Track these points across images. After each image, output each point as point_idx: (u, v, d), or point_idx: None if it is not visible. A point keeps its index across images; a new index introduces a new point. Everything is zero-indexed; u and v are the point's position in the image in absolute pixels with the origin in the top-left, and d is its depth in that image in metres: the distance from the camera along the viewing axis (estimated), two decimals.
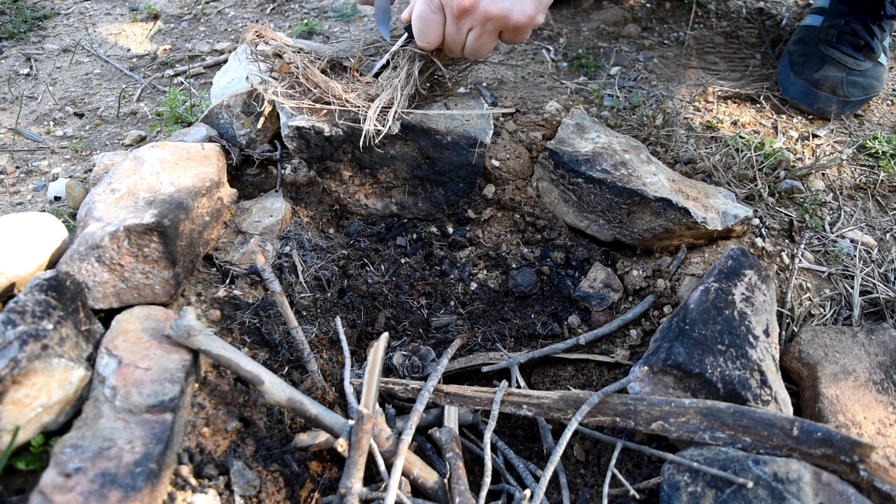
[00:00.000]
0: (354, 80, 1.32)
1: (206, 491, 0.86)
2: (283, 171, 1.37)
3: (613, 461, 0.96)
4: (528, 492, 0.91)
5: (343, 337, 1.13)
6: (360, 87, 1.30)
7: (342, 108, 1.25)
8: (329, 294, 1.25)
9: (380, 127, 1.22)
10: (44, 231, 1.02)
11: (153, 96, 1.80)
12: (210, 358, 0.93)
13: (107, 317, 1.00)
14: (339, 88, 1.25)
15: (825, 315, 1.19)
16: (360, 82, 1.31)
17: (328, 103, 1.27)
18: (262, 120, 1.33)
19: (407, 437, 0.92)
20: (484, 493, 0.90)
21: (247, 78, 1.33)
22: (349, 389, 1.03)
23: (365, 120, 1.22)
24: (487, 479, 0.91)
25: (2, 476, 0.81)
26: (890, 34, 1.71)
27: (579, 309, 1.29)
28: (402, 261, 1.35)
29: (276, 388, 0.92)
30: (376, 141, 1.24)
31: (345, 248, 1.34)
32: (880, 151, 1.53)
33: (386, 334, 1.00)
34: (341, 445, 0.87)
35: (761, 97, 1.70)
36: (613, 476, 0.95)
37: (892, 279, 1.25)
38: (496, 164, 1.42)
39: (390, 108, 1.25)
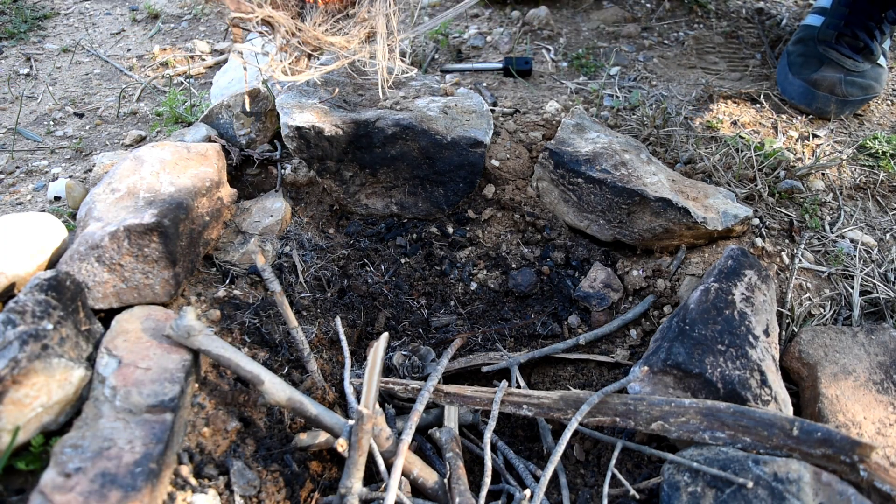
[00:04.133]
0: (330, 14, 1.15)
1: (206, 491, 0.86)
2: (283, 171, 1.37)
3: (613, 461, 0.96)
4: (528, 492, 0.91)
5: (343, 337, 1.13)
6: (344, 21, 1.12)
7: (345, 57, 1.07)
8: (329, 294, 1.25)
9: (396, 65, 1.04)
10: (44, 231, 1.02)
11: (153, 96, 1.80)
12: (210, 358, 0.93)
13: (107, 317, 0.99)
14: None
15: (825, 315, 1.19)
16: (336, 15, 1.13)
17: (314, 53, 1.08)
18: (247, 100, 1.23)
19: (407, 437, 0.92)
20: (484, 493, 0.90)
21: (239, 53, 1.18)
22: (349, 389, 1.03)
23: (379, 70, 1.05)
24: (487, 479, 0.91)
25: (2, 476, 0.81)
26: (890, 37, 1.71)
27: (579, 309, 1.29)
28: (402, 261, 1.35)
29: (276, 388, 0.92)
30: (401, 77, 1.06)
31: (345, 248, 1.34)
32: (880, 151, 1.53)
33: (386, 334, 1.00)
34: (341, 445, 0.87)
35: (761, 97, 1.70)
36: (613, 476, 0.95)
37: (892, 279, 1.25)
38: (496, 164, 1.42)
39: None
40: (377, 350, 0.94)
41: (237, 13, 1.07)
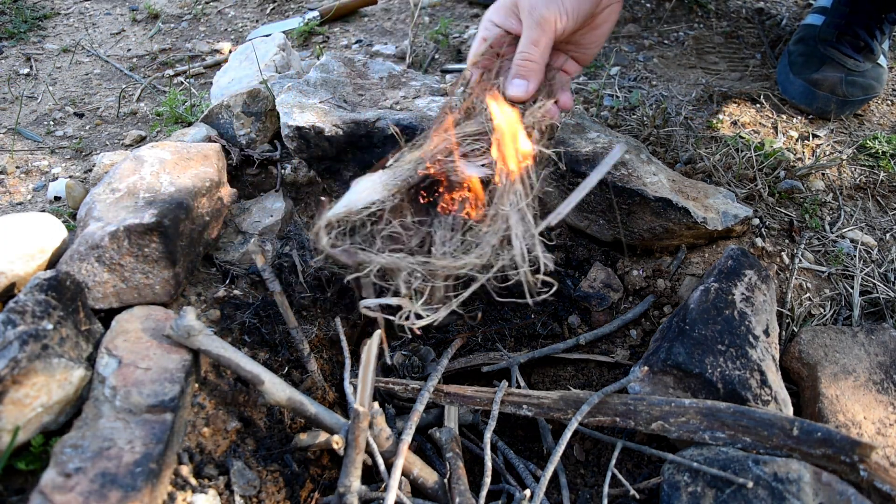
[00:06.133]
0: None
1: (206, 491, 0.86)
2: (283, 171, 1.37)
3: (613, 461, 0.96)
4: (528, 492, 0.91)
5: (343, 337, 1.13)
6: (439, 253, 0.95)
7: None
8: (329, 294, 1.25)
9: None
10: (44, 231, 1.02)
11: (153, 96, 1.80)
12: (210, 358, 0.93)
13: (107, 317, 0.99)
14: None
15: (825, 315, 1.19)
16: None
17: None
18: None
19: (407, 437, 0.92)
20: (484, 493, 0.90)
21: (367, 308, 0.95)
22: (349, 389, 1.03)
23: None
24: (487, 479, 0.91)
25: (2, 476, 0.81)
26: (889, 37, 1.71)
27: (579, 309, 1.29)
28: None
29: (275, 388, 0.92)
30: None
31: None
32: (880, 151, 1.53)
33: (379, 331, 0.99)
34: (337, 443, 0.87)
35: (761, 97, 1.70)
36: (613, 476, 0.95)
37: (892, 279, 1.25)
38: None
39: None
40: (370, 348, 0.94)
41: (353, 264, 0.93)
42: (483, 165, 0.97)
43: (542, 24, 1.04)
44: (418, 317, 0.91)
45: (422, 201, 1.02)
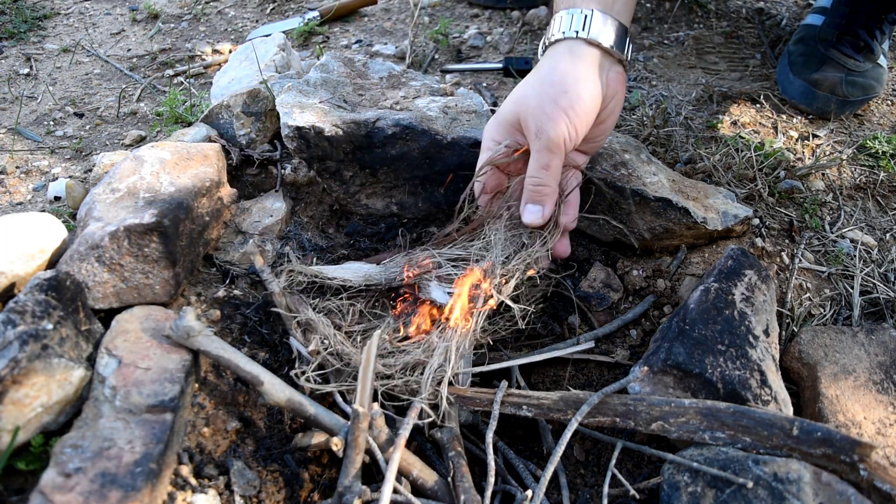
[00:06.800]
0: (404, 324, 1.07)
1: (206, 491, 0.87)
2: (283, 171, 1.37)
3: (613, 461, 0.96)
4: (528, 492, 0.91)
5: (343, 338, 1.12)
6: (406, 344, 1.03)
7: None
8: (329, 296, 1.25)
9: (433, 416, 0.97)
10: (44, 231, 1.02)
11: (153, 96, 1.80)
12: (210, 358, 0.93)
13: (107, 317, 1.00)
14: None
15: (825, 315, 1.19)
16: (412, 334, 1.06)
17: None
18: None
19: (404, 432, 0.91)
20: (489, 493, 0.89)
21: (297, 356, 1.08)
22: None
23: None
24: (491, 479, 0.91)
25: (2, 476, 0.81)
26: (889, 37, 1.71)
27: (579, 309, 1.29)
28: None
29: (275, 388, 0.92)
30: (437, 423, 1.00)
31: (345, 247, 1.34)
32: (880, 151, 1.53)
33: (377, 333, 0.99)
34: (336, 444, 0.87)
35: (761, 97, 1.70)
36: (613, 476, 0.95)
37: (892, 279, 1.25)
38: None
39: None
40: (370, 349, 0.94)
41: (294, 309, 1.08)
42: (449, 293, 1.05)
43: (552, 147, 0.99)
44: (326, 380, 1.03)
45: (394, 300, 1.15)
